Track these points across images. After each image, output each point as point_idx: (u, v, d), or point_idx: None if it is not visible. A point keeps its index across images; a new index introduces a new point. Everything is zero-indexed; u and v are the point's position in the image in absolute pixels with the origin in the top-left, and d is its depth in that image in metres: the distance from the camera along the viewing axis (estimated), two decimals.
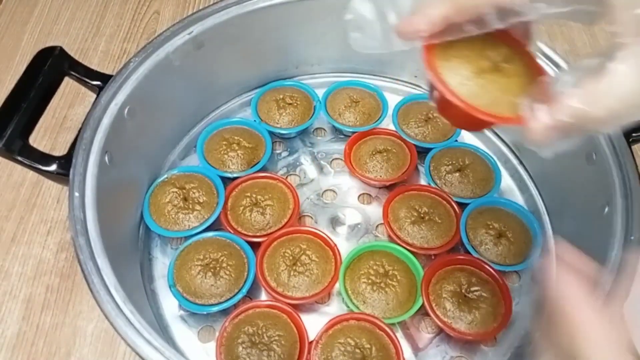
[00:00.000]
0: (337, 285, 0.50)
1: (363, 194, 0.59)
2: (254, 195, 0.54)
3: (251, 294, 0.51)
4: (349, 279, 0.50)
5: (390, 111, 0.63)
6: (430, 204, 0.54)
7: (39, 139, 0.63)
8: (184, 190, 0.54)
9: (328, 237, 0.52)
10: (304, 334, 0.46)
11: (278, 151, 0.62)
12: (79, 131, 0.45)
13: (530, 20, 0.30)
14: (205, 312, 0.48)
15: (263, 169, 0.57)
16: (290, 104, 0.62)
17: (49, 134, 0.64)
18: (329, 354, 0.45)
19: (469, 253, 0.52)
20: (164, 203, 0.53)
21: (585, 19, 0.28)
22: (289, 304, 0.48)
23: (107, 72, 0.50)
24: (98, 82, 0.49)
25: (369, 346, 0.45)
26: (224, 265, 0.49)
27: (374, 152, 0.58)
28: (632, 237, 0.42)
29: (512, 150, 0.61)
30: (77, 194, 0.42)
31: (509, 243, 0.52)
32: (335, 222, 0.57)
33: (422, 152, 0.60)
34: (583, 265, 0.32)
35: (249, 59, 0.61)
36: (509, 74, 0.34)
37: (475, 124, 0.39)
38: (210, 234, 0.52)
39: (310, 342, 0.46)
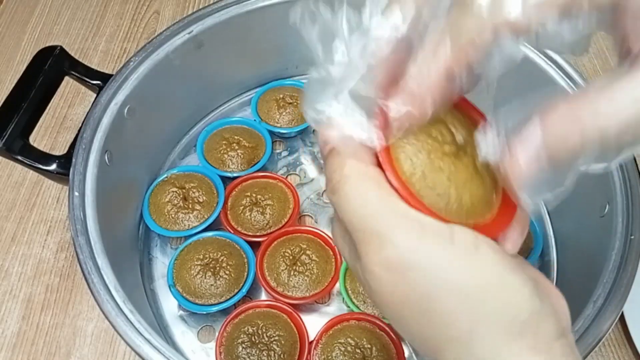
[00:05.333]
0: (337, 285, 0.50)
1: None
2: (254, 195, 0.54)
3: (251, 294, 0.51)
4: (349, 278, 0.50)
5: None
6: None
7: (39, 139, 0.63)
8: (184, 190, 0.54)
9: (328, 236, 0.52)
10: (304, 334, 0.46)
11: (278, 151, 0.62)
12: (79, 131, 0.45)
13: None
14: (205, 312, 0.48)
15: (263, 169, 0.57)
16: (290, 103, 0.62)
17: (49, 134, 0.64)
18: (329, 354, 0.45)
19: None
20: (164, 202, 0.53)
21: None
22: (289, 304, 0.48)
23: (107, 71, 0.50)
24: (98, 82, 0.49)
25: (369, 346, 0.45)
26: (224, 265, 0.49)
27: None
28: (633, 237, 0.42)
29: None
30: (77, 193, 0.42)
31: None
32: None
33: None
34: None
35: (249, 59, 0.61)
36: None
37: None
38: (210, 233, 0.52)
39: (310, 342, 0.46)
